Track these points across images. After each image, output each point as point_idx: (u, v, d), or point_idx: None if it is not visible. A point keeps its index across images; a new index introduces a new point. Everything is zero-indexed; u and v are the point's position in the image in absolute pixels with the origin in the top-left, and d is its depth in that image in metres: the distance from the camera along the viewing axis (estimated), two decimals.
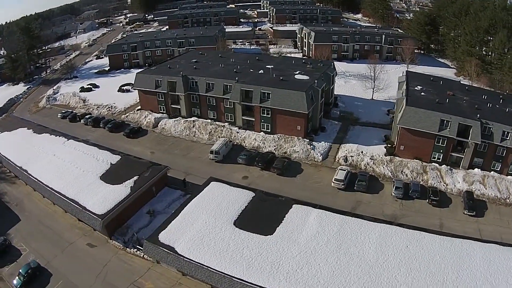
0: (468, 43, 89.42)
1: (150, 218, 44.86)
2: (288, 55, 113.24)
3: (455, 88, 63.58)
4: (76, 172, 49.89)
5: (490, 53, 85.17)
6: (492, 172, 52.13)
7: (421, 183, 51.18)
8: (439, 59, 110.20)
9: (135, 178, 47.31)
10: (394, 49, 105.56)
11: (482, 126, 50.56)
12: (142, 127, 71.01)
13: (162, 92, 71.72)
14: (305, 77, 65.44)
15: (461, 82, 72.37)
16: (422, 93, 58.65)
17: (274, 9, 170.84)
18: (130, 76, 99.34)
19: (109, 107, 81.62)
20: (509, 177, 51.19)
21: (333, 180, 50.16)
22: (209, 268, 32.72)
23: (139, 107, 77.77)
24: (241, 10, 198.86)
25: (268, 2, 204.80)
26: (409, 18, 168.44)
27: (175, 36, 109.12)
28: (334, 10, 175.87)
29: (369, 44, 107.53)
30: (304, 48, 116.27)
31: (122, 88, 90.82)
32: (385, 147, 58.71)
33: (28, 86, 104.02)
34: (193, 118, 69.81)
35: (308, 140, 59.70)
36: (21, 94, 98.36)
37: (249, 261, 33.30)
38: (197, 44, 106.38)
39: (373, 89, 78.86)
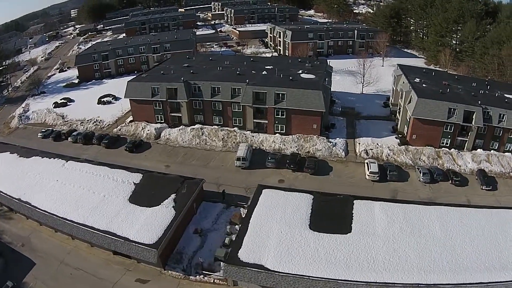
0: (438, 33, 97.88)
1: (200, 238, 41.64)
2: (263, 55, 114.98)
3: (446, 78, 69.70)
4: (95, 198, 44.23)
5: (460, 42, 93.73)
6: (491, 151, 58.56)
7: (438, 167, 55.97)
8: (405, 50, 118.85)
9: (173, 196, 43.49)
10: (366, 43, 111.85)
11: (483, 111, 56.48)
12: (142, 139, 67.47)
13: (160, 101, 67.88)
14: (312, 76, 67.12)
15: (448, 72, 79.37)
16: (424, 85, 63.53)
17: (233, 10, 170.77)
18: (104, 87, 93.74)
19: (95, 122, 75.70)
20: (506, 153, 58.07)
21: (368, 173, 52.50)
22: (310, 277, 32.34)
23: (131, 119, 73.68)
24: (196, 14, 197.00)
25: (219, 4, 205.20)
26: (364, 12, 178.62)
27: (148, 42, 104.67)
28: (291, 8, 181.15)
29: (343, 39, 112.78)
30: (278, 47, 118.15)
31: (102, 100, 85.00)
32: (396, 138, 62.64)
33: None
34: (198, 126, 67.60)
35: (325, 138, 61.74)
36: None
37: (344, 261, 33.67)
38: (172, 49, 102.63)
39: (362, 83, 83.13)
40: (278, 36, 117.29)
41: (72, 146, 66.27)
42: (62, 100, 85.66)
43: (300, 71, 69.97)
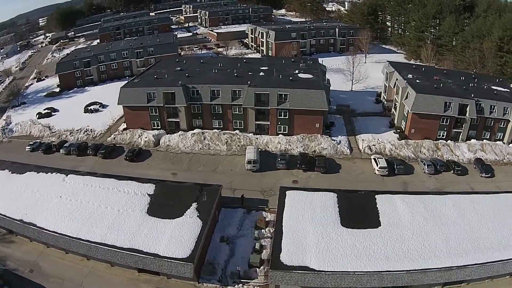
0: (418, 28, 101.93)
1: (228, 246, 40.64)
2: (247, 56, 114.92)
3: (435, 72, 72.88)
4: (109, 214, 41.60)
5: (439, 37, 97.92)
6: (484, 140, 62.05)
7: (439, 158, 58.56)
8: (383, 46, 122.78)
9: (195, 205, 41.96)
10: (347, 41, 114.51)
11: (476, 103, 59.68)
12: (141, 148, 65.51)
13: (157, 106, 65.90)
14: (309, 76, 67.86)
15: (435, 66, 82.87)
16: (417, 81, 66.07)
17: (207, 12, 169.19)
18: (88, 95, 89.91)
19: (86, 131, 72.41)
20: (498, 142, 61.81)
21: (377, 169, 53.88)
22: (355, 273, 33.02)
23: (124, 126, 71.31)
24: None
25: (191, 6, 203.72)
26: (335, 9, 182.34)
27: (131, 46, 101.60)
28: (265, 8, 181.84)
29: (324, 38, 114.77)
30: (261, 47, 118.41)
31: (89, 108, 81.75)
32: (394, 132, 64.87)
33: None
34: (197, 130, 66.72)
35: (329, 136, 62.83)
36: None
37: (382, 253, 34.78)
38: (156, 53, 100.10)
39: (352, 80, 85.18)
40: (260, 36, 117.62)
41: (66, 158, 62.61)
42: (46, 110, 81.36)
43: (297, 71, 70.61)
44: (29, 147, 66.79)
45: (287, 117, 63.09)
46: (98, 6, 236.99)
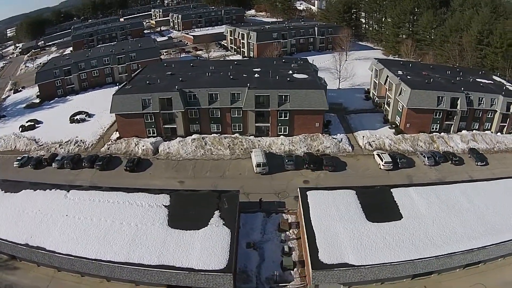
0: (395, 24, 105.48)
1: (256, 251, 40.08)
2: (228, 58, 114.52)
3: (422, 68, 75.97)
4: (126, 230, 39.15)
5: (418, 32, 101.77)
6: (473, 130, 65.59)
7: (436, 150, 61.19)
8: (359, 43, 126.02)
9: (217, 213, 40.79)
10: (326, 40, 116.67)
11: (466, 96, 62.92)
12: (140, 157, 63.55)
13: (152, 113, 63.92)
14: (305, 76, 68.59)
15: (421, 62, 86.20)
16: (409, 77, 68.56)
17: (180, 16, 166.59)
18: (71, 104, 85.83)
19: (76, 143, 69.01)
20: (487, 131, 65.62)
21: (383, 164, 55.41)
22: (391, 264, 34.24)
23: (117, 135, 68.96)
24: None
25: (160, 10, 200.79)
26: (304, 8, 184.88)
27: (112, 52, 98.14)
28: (237, 9, 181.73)
29: (304, 37, 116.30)
30: (242, 49, 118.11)
31: (75, 118, 78.11)
32: (390, 128, 67.09)
33: None
34: (196, 136, 65.61)
35: (329, 135, 63.89)
36: None
37: (410, 243, 36.36)
38: (139, 58, 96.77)
39: (339, 78, 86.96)
40: (241, 38, 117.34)
41: (59, 172, 58.94)
42: (29, 123, 76.60)
43: (290, 72, 71.15)
44: (17, 163, 62.34)
45: (287, 118, 63.37)
46: (66, 14, 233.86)
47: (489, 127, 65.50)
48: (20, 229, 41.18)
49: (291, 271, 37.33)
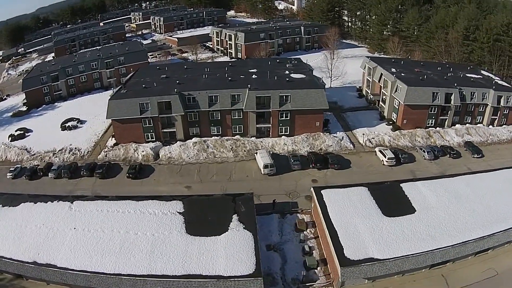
0: (381, 22, 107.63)
1: (277, 253, 39.88)
2: (217, 59, 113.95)
3: (413, 65, 77.99)
4: (143, 240, 37.81)
5: (403, 29, 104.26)
6: (466, 124, 68.03)
7: (433, 145, 63.10)
8: (343, 41, 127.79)
9: (236, 217, 40.22)
10: (312, 39, 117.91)
11: (459, 91, 65.19)
12: (141, 163, 61.81)
13: (151, 117, 62.59)
14: (302, 76, 69.06)
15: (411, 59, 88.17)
16: (403, 74, 70.27)
17: (162, 18, 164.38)
18: (60, 111, 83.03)
19: (71, 151, 66.58)
20: (479, 125, 68.15)
21: (386, 160, 56.49)
22: (413, 255, 35.37)
23: (114, 142, 67.34)
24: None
25: (140, 14, 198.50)
26: (283, 7, 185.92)
27: (100, 56, 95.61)
28: (219, 11, 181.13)
29: (291, 37, 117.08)
30: (229, 50, 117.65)
31: (66, 125, 75.57)
32: (387, 125, 68.51)
33: None
34: (196, 139, 64.84)
35: (329, 134, 64.68)
36: None
37: (427, 234, 37.68)
38: (127, 62, 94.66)
39: (331, 77, 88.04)
40: (228, 39, 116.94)
41: (57, 183, 56.63)
42: (19, 132, 73.33)
43: (287, 72, 71.52)
44: (10, 174, 59.27)
45: (288, 118, 63.62)
46: (45, 20, 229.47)
47: (481, 120, 68.07)
48: (24, 246, 38.99)
49: (315, 270, 37.51)
